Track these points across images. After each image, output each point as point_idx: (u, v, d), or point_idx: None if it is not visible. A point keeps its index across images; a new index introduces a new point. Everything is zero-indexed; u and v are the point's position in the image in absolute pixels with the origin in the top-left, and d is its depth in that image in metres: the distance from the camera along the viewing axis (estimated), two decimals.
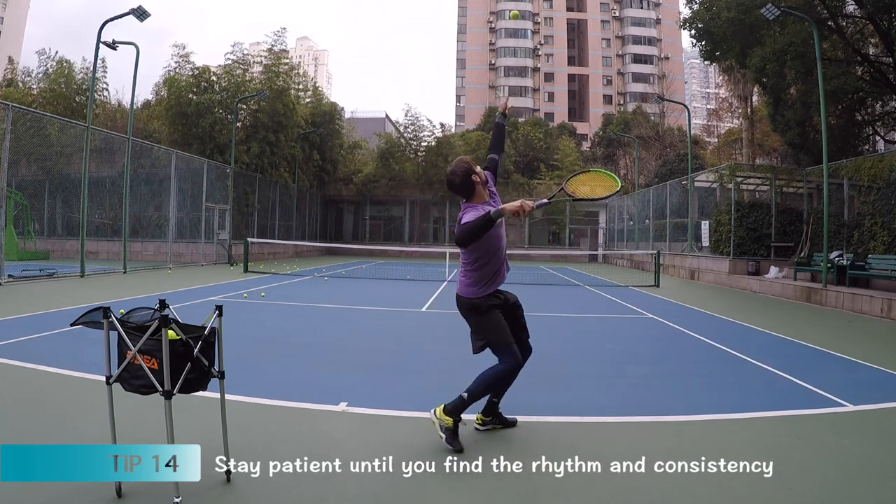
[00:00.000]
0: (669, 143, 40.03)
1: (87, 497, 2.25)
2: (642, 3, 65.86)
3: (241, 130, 23.49)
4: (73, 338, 5.17)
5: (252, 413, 3.42)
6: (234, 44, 27.03)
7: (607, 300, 11.07)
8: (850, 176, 13.28)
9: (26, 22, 71.27)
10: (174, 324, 2.18)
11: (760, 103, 25.99)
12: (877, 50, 16.64)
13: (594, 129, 51.77)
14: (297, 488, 2.45)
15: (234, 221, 20.57)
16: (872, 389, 4.48)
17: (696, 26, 16.95)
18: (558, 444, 3.10)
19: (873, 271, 10.91)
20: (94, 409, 3.19)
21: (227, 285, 11.52)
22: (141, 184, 17.70)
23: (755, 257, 15.38)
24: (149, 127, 25.40)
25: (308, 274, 15.61)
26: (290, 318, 7.58)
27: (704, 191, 19.04)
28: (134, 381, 2.21)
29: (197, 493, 2.33)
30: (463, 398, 2.90)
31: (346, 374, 4.53)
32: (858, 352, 6.03)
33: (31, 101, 24.05)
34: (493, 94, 63.64)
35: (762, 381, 4.65)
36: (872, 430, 3.48)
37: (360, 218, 34.20)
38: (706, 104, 69.13)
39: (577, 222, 32.84)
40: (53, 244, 19.85)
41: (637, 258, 23.45)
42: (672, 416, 3.63)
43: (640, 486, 2.58)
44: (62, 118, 16.19)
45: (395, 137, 33.57)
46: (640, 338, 6.85)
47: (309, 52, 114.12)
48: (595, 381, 4.57)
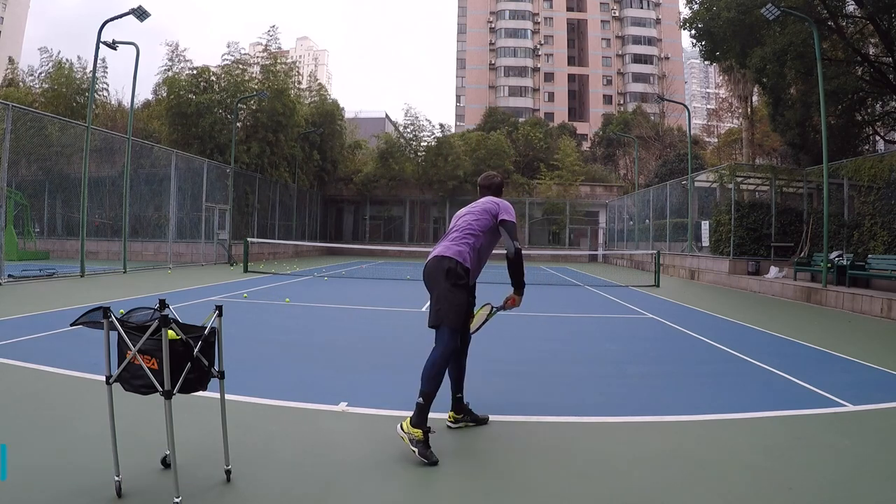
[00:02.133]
0: (669, 143, 40.06)
1: (87, 497, 2.25)
2: (642, 3, 65.90)
3: (241, 130, 23.49)
4: (73, 338, 5.17)
5: (252, 413, 3.42)
6: (230, 44, 27.00)
7: (607, 300, 11.07)
8: (850, 176, 13.28)
9: (26, 22, 71.27)
10: (174, 324, 2.18)
11: (760, 103, 25.99)
12: (877, 50, 16.65)
13: (594, 129, 51.83)
14: (297, 488, 2.45)
15: (234, 221, 20.57)
16: (872, 389, 4.48)
17: (696, 26, 16.96)
18: (558, 444, 3.10)
19: (873, 271, 10.91)
20: (94, 409, 3.20)
21: (227, 285, 11.52)
22: (141, 184, 17.70)
23: (755, 257, 15.38)
24: (149, 127, 25.42)
25: (308, 274, 15.61)
26: (290, 318, 7.57)
27: (704, 191, 19.05)
28: (134, 381, 2.21)
29: (197, 493, 2.33)
30: (420, 403, 2.82)
31: (346, 374, 4.53)
32: (858, 352, 6.03)
33: (32, 100, 24.06)
34: (493, 94, 63.67)
35: (762, 381, 4.66)
36: (872, 430, 3.48)
37: (360, 218, 34.20)
38: (706, 104, 69.12)
39: (577, 222, 32.84)
40: (53, 244, 19.85)
41: (637, 258, 23.45)
42: (672, 416, 3.63)
43: (640, 485, 2.58)
44: (62, 118, 16.20)
45: (395, 137, 33.57)
46: (640, 338, 6.85)
47: (309, 52, 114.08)
48: (595, 381, 4.57)
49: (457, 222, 3.27)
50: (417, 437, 2.74)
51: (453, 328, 2.97)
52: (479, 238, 3.14)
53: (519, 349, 5.79)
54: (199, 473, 2.51)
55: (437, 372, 2.88)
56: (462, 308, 3.03)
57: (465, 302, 3.06)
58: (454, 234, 3.18)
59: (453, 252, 3.07)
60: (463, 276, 3.03)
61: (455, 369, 3.28)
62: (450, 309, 2.97)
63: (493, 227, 3.18)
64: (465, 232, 3.15)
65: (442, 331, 2.97)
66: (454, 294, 2.99)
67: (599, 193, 33.84)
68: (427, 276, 3.12)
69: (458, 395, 3.28)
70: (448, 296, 2.99)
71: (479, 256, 3.18)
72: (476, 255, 3.13)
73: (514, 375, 4.60)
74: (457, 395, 3.28)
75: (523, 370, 4.83)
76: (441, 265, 3.04)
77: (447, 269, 3.02)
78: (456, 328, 2.99)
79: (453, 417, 3.29)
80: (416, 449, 2.72)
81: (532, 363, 5.15)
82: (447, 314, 2.96)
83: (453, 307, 2.98)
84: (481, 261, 3.22)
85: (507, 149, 33.19)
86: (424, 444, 2.74)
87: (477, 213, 3.22)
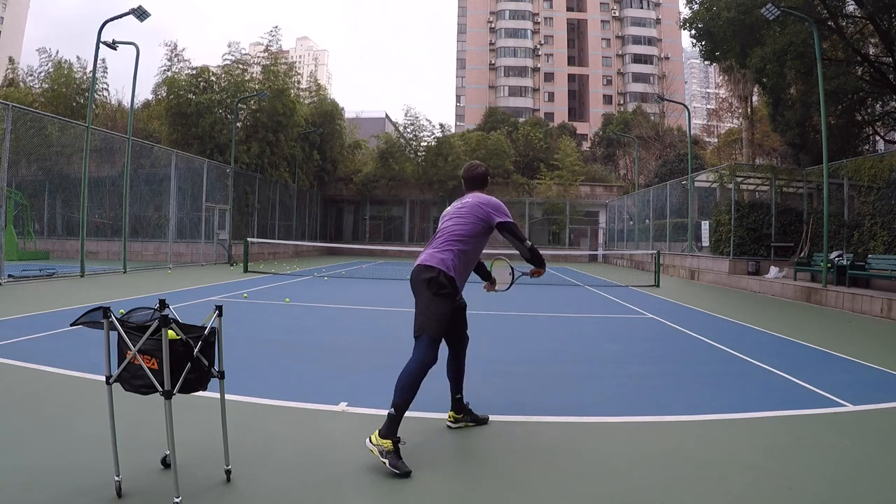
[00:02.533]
0: (669, 143, 40.06)
1: (87, 497, 2.25)
2: (642, 3, 65.91)
3: (241, 130, 23.49)
4: (73, 338, 5.17)
5: (252, 413, 3.42)
6: (231, 44, 26.98)
7: (607, 300, 11.07)
8: (850, 176, 13.28)
9: (26, 22, 71.28)
10: (174, 324, 2.18)
11: (760, 103, 25.99)
12: (877, 50, 16.64)
13: (594, 129, 51.82)
14: (297, 488, 2.45)
15: (234, 221, 20.57)
16: (872, 389, 4.48)
17: (696, 26, 16.96)
18: (558, 444, 3.10)
19: (873, 271, 10.91)
20: (94, 409, 3.20)
21: (227, 285, 11.52)
22: (141, 184, 17.71)
23: (755, 257, 15.37)
24: (149, 127, 25.42)
25: (308, 274, 15.61)
26: (290, 318, 7.57)
27: (704, 191, 19.04)
28: (134, 381, 2.21)
29: (197, 493, 2.33)
30: (391, 414, 2.72)
31: (346, 374, 4.53)
32: (858, 352, 6.03)
33: (32, 101, 24.06)
34: (493, 94, 63.67)
35: (762, 381, 4.65)
36: (872, 430, 3.48)
37: (360, 218, 34.21)
38: (706, 104, 69.14)
39: (577, 222, 32.84)
40: (53, 244, 19.85)
41: (637, 258, 23.45)
42: (672, 416, 3.63)
43: (641, 486, 2.58)
44: (62, 118, 16.20)
45: (395, 137, 33.58)
46: (640, 338, 6.85)
47: (309, 52, 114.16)
48: (595, 381, 4.57)
49: (443, 224, 3.15)
50: (387, 448, 2.63)
51: (433, 338, 2.88)
52: (465, 243, 3.03)
53: (519, 349, 5.80)
54: (199, 473, 2.51)
55: (412, 383, 2.77)
56: (445, 318, 2.93)
57: (449, 311, 2.96)
58: (439, 240, 3.07)
59: (436, 261, 2.96)
60: (446, 284, 2.92)
61: (454, 370, 3.25)
62: (431, 318, 2.89)
63: (482, 231, 3.07)
64: (450, 237, 3.04)
65: (422, 340, 2.87)
66: (436, 304, 2.91)
67: (599, 193, 33.83)
68: (412, 283, 3.04)
69: (458, 395, 3.27)
70: (431, 305, 2.90)
71: (467, 261, 3.06)
72: (462, 261, 3.02)
73: (514, 375, 4.60)
74: (456, 395, 3.27)
75: (523, 370, 4.83)
76: (424, 274, 2.95)
77: (429, 278, 2.92)
78: (436, 338, 2.90)
79: (453, 417, 3.28)
80: (387, 460, 2.61)
81: (532, 363, 5.15)
82: (428, 324, 2.88)
83: (435, 317, 2.89)
84: (469, 266, 3.11)
85: (507, 149, 33.18)
86: (395, 454, 2.64)
87: (464, 217, 3.08)
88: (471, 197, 3.21)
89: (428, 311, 2.91)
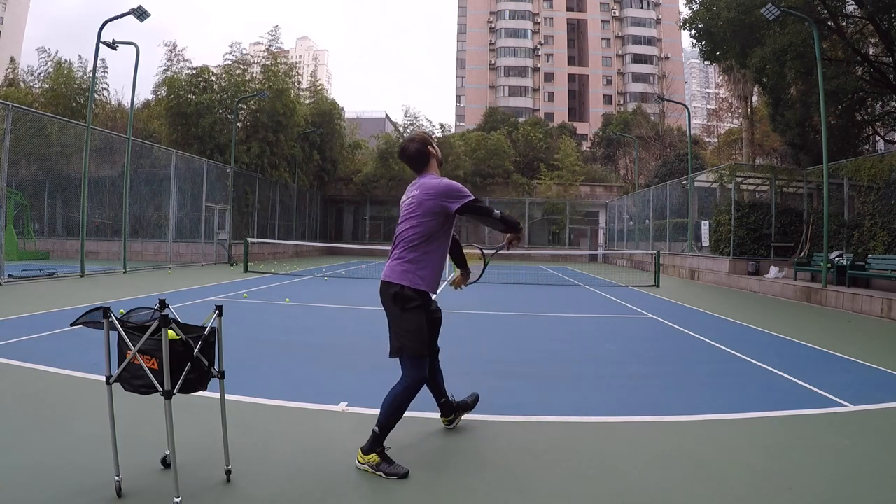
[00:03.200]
0: (669, 143, 40.08)
1: (87, 497, 2.25)
2: (642, 3, 65.92)
3: (241, 130, 23.50)
4: (73, 338, 5.17)
5: (252, 413, 3.42)
6: (232, 44, 27.02)
7: (607, 300, 11.07)
8: (850, 176, 13.28)
9: (26, 22, 71.28)
10: (174, 324, 2.18)
11: (760, 103, 25.99)
12: (877, 50, 16.65)
13: (594, 129, 51.83)
14: (297, 488, 2.45)
15: (234, 221, 20.58)
16: (872, 389, 4.48)
17: (696, 26, 16.97)
18: (558, 444, 3.10)
19: (873, 271, 10.91)
20: (94, 409, 3.20)
21: (227, 285, 11.52)
22: (141, 184, 17.71)
23: (755, 257, 15.38)
24: (149, 127, 25.44)
25: (308, 274, 15.61)
26: (290, 318, 7.57)
27: (704, 191, 19.04)
28: (134, 381, 2.21)
29: (197, 493, 2.33)
30: (375, 432, 2.65)
31: (346, 374, 4.53)
32: (858, 352, 6.03)
33: (32, 101, 24.07)
34: (493, 94, 63.68)
35: (762, 381, 4.65)
36: (872, 430, 3.48)
37: (359, 218, 34.21)
38: (706, 104, 69.15)
39: (577, 222, 32.84)
40: (53, 244, 19.86)
41: (637, 258, 23.45)
42: (672, 416, 3.63)
43: (641, 486, 2.58)
44: (62, 118, 16.20)
45: (395, 137, 33.58)
46: (640, 338, 6.85)
47: (309, 52, 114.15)
48: (595, 381, 4.57)
49: (399, 226, 2.85)
50: (375, 462, 2.60)
51: (415, 356, 2.71)
52: (425, 246, 2.75)
53: (519, 349, 5.79)
54: (199, 473, 2.51)
55: (399, 406, 2.68)
56: (421, 331, 2.72)
57: (423, 324, 2.75)
58: (397, 249, 2.80)
59: (396, 276, 2.73)
60: (414, 297, 2.71)
61: (431, 379, 3.06)
62: (405, 336, 2.70)
63: (439, 225, 2.76)
64: (407, 245, 2.75)
65: (404, 361, 2.73)
66: (407, 320, 2.71)
67: (599, 193, 33.83)
68: (381, 300, 2.82)
69: (443, 399, 3.19)
70: (402, 322, 2.72)
71: (434, 262, 2.79)
72: (428, 266, 2.76)
73: (514, 375, 4.60)
74: (440, 400, 3.19)
75: (523, 370, 4.83)
76: (388, 291, 2.75)
77: (393, 294, 2.72)
78: (418, 355, 2.72)
79: (445, 420, 3.26)
80: (381, 472, 2.57)
81: (532, 363, 5.15)
82: (404, 342, 2.71)
83: (409, 333, 2.70)
84: (439, 263, 2.84)
85: (507, 149, 33.19)
86: (386, 462, 2.60)
87: (415, 216, 2.76)
88: (417, 188, 2.84)
89: (400, 328, 2.73)
